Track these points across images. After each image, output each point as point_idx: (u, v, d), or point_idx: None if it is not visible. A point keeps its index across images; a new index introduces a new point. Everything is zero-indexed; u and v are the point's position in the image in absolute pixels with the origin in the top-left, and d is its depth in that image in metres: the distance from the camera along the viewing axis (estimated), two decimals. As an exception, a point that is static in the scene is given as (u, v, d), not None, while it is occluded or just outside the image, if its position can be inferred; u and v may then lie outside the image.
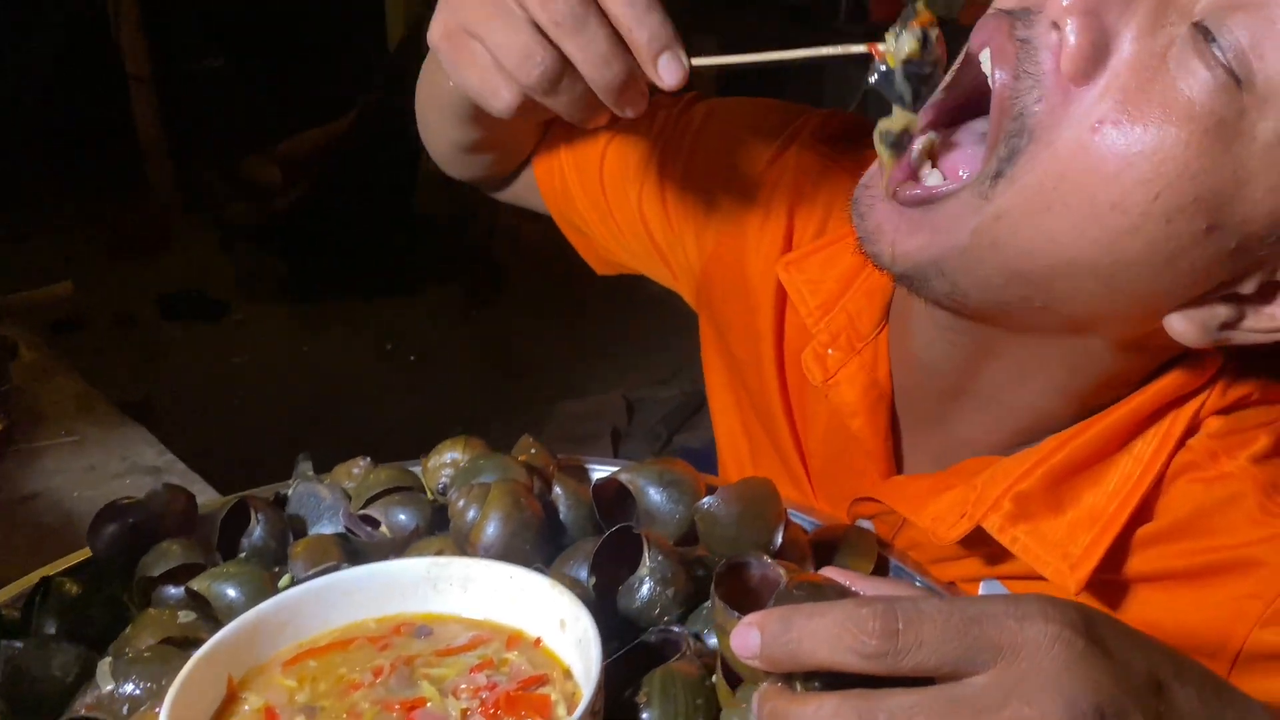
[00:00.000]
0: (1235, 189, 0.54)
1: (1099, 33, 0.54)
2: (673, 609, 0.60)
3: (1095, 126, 0.54)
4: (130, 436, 1.23)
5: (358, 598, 0.57)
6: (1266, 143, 0.53)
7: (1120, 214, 0.55)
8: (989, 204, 0.58)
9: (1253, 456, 0.64)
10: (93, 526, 0.68)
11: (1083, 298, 0.59)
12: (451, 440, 0.75)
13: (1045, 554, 0.66)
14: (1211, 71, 0.52)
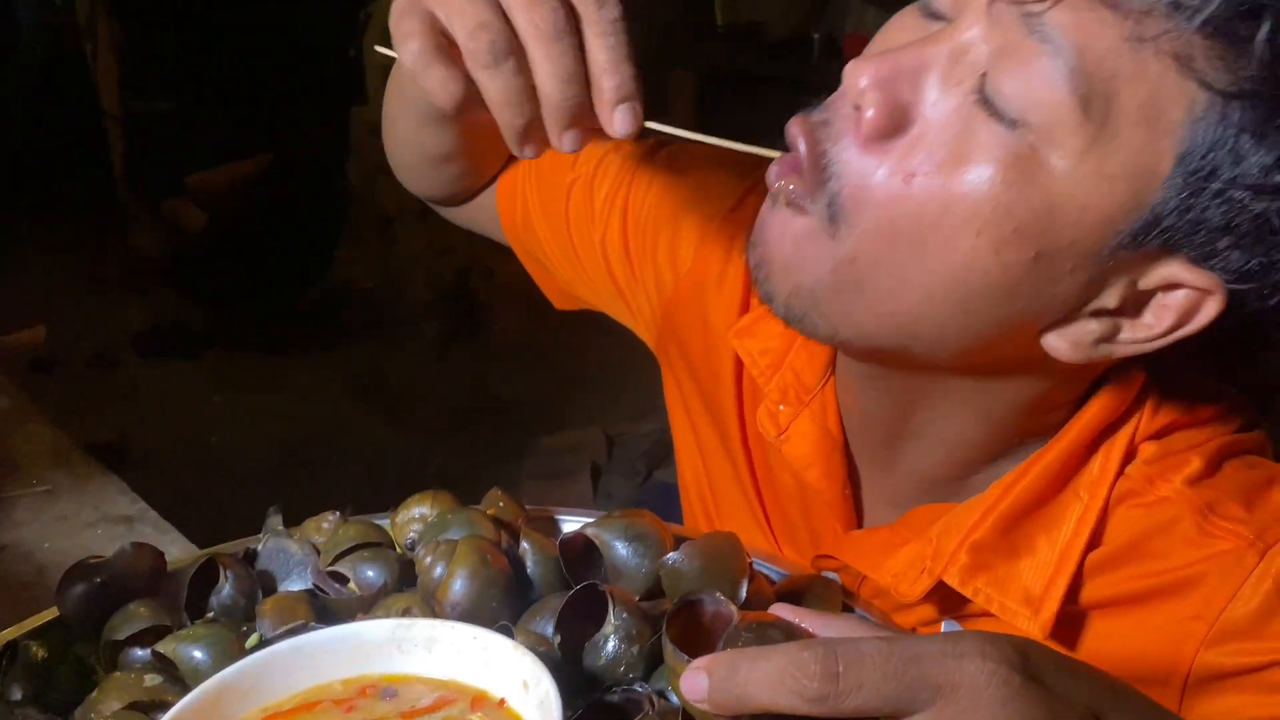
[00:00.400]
0: (1050, 215, 0.57)
1: (895, 103, 0.58)
2: (638, 665, 0.60)
3: (908, 178, 0.58)
4: (103, 485, 1.23)
5: (323, 660, 0.57)
6: (1063, 171, 0.56)
7: (953, 251, 0.58)
8: (840, 245, 0.61)
9: (1187, 479, 0.67)
10: (60, 586, 0.68)
11: (953, 333, 0.62)
12: (420, 495, 0.75)
13: (1007, 601, 0.68)
14: (996, 119, 0.56)
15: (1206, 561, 0.65)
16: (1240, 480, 0.68)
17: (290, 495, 0.82)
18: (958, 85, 0.58)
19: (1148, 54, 0.54)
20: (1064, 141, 0.56)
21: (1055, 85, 0.55)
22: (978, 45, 0.58)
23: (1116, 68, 0.55)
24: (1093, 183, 0.57)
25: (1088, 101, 0.55)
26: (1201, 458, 0.67)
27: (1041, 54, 0.55)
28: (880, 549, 0.73)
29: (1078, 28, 0.55)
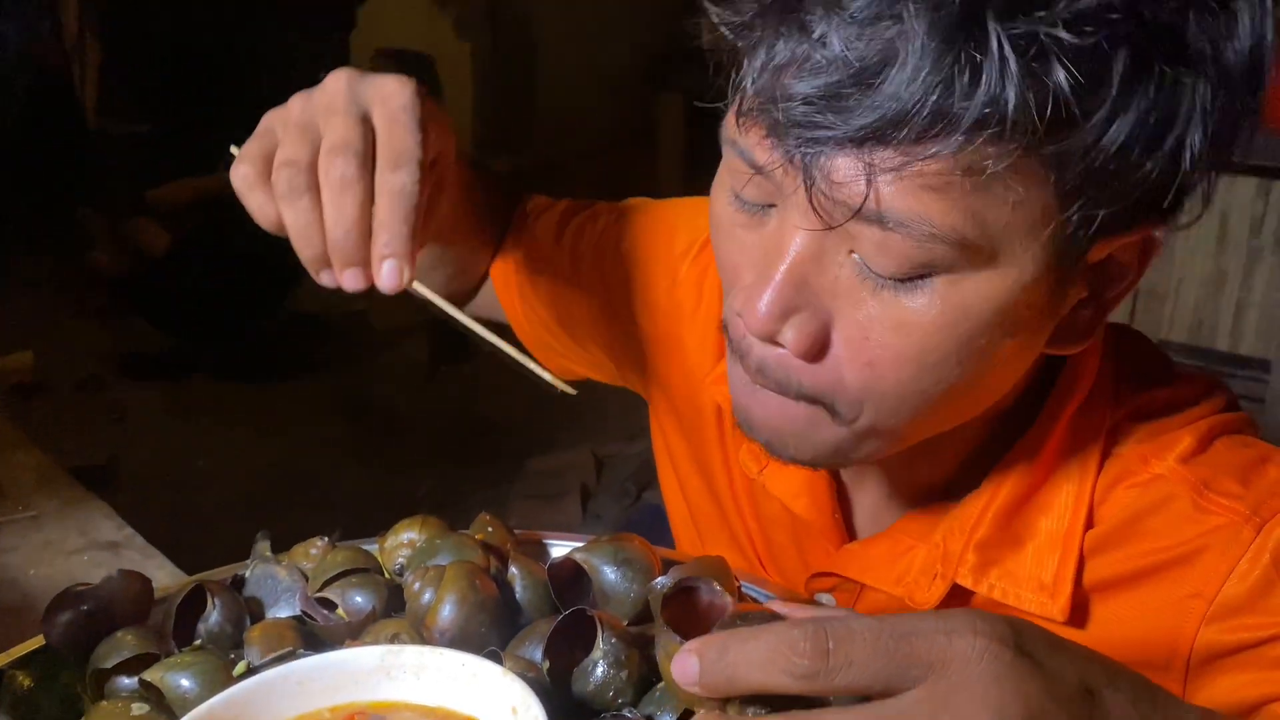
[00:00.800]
0: (1000, 309, 0.57)
1: (808, 325, 0.59)
2: (627, 691, 0.60)
3: (870, 365, 0.59)
4: (89, 511, 1.22)
5: (311, 687, 0.57)
6: (984, 279, 0.56)
7: (948, 379, 0.60)
8: (850, 426, 0.63)
9: (1180, 457, 0.67)
10: (47, 614, 0.68)
11: (976, 405, 0.65)
12: (408, 520, 0.75)
13: (1022, 590, 0.68)
14: (900, 287, 0.57)
15: (1203, 537, 0.65)
16: (1233, 457, 0.68)
17: (279, 520, 0.82)
18: (843, 275, 0.58)
19: (962, 180, 0.53)
20: (965, 267, 0.56)
21: (921, 247, 0.54)
22: (828, 237, 0.57)
23: (947, 207, 0.54)
24: (1012, 268, 0.56)
25: (958, 241, 0.54)
26: (1193, 436, 0.68)
27: (890, 232, 0.55)
28: (882, 559, 0.73)
29: (903, 200, 0.53)
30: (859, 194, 0.53)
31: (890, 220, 0.53)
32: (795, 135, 0.53)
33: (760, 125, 0.56)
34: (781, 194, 0.58)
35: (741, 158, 0.59)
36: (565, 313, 0.97)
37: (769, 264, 0.59)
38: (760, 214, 0.61)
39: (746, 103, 0.56)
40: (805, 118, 0.52)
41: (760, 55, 0.54)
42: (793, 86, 0.52)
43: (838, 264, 0.58)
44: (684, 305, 0.89)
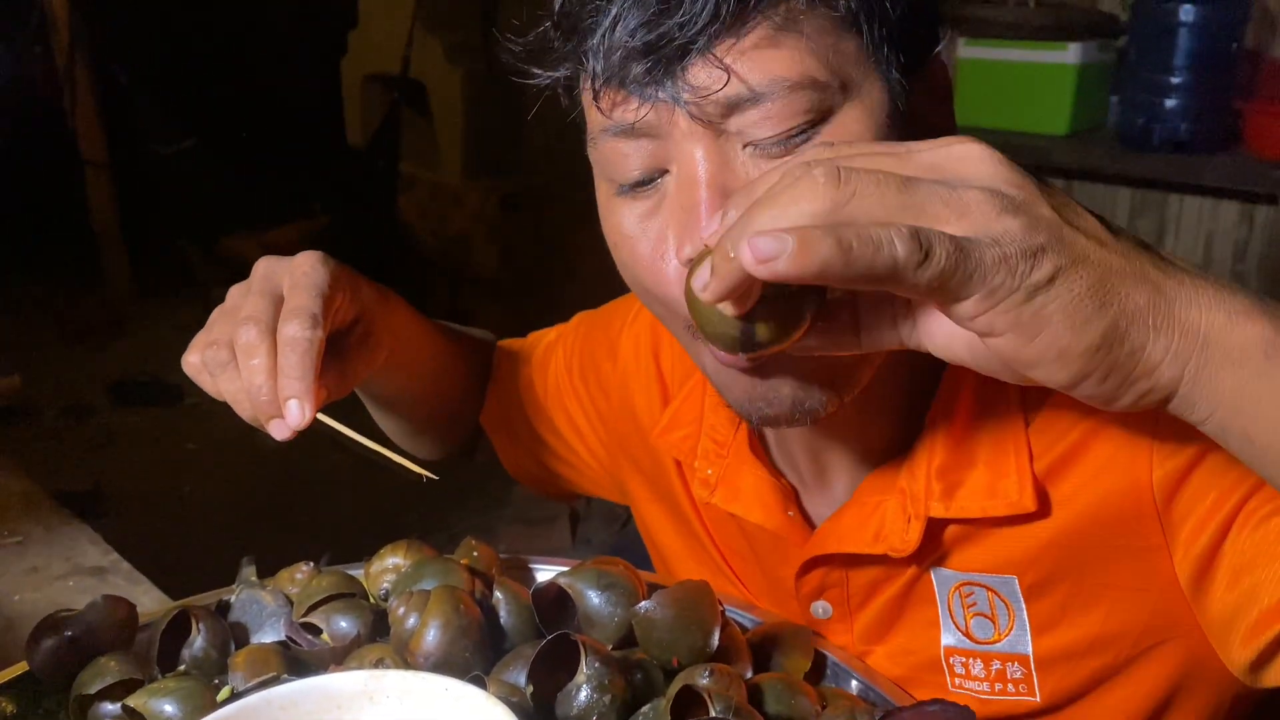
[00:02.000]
0: (877, 132, 0.63)
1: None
2: (610, 715, 0.60)
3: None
4: (74, 536, 1.22)
5: (295, 712, 0.57)
6: (850, 110, 0.63)
7: None
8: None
9: None
10: (30, 641, 0.68)
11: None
12: (393, 545, 0.76)
13: (990, 500, 0.71)
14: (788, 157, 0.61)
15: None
16: None
17: (265, 545, 0.82)
18: (750, 167, 0.62)
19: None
20: (832, 108, 0.62)
21: (790, 101, 0.60)
22: (721, 143, 0.62)
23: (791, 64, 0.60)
24: (863, 95, 0.62)
25: (813, 83, 0.60)
26: None
27: (761, 103, 0.60)
28: (855, 524, 0.75)
29: (756, 71, 0.60)
30: (720, 83, 0.60)
31: (757, 91, 0.60)
32: (647, 70, 0.60)
33: (620, 91, 0.63)
34: (664, 134, 0.63)
35: (616, 135, 0.64)
36: (551, 436, 1.02)
37: (690, 198, 0.63)
38: (655, 188, 0.65)
39: (601, 79, 0.63)
40: (646, 44, 0.60)
41: (589, 40, 0.62)
42: (623, 34, 0.60)
43: (741, 162, 0.62)
44: (628, 370, 0.94)
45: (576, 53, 0.63)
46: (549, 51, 0.65)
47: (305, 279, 0.72)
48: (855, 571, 0.76)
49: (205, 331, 0.74)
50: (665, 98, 0.61)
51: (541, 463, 1.05)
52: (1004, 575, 0.72)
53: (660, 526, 0.93)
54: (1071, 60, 2.38)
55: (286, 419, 0.68)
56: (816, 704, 0.65)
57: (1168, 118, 2.29)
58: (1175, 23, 2.25)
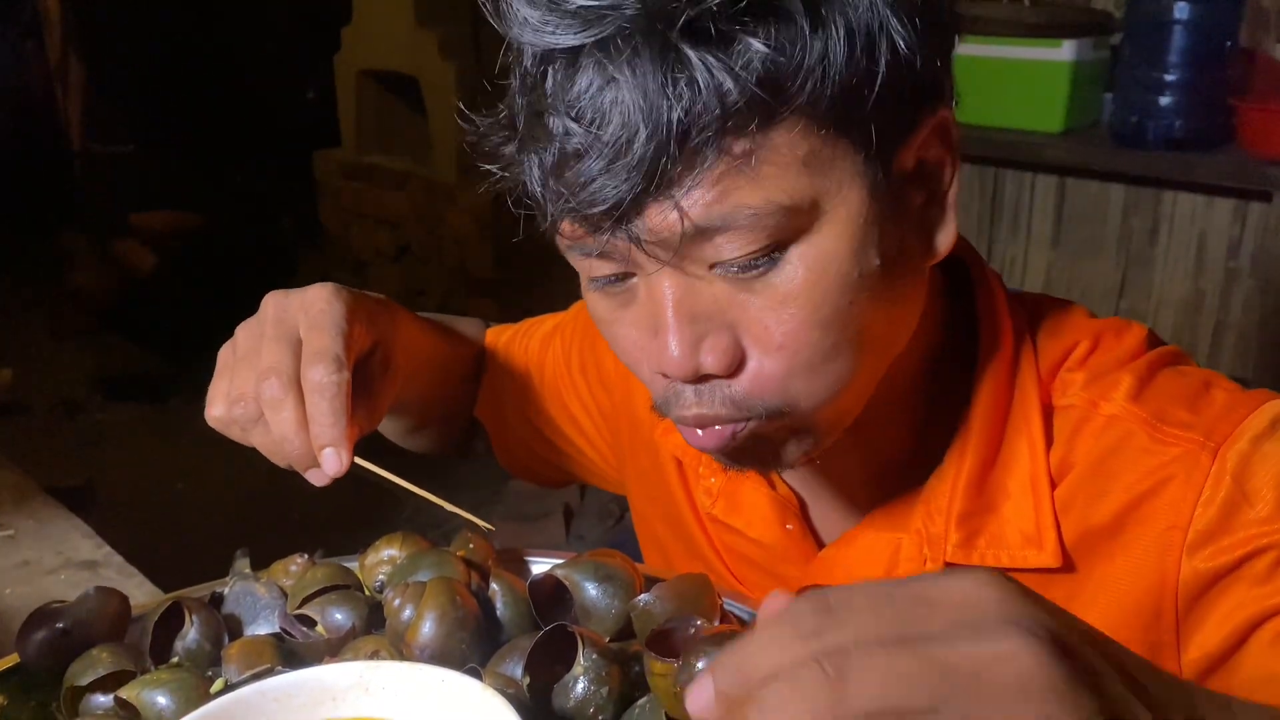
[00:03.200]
0: (850, 246, 0.61)
1: (726, 341, 0.62)
2: (608, 707, 0.60)
3: (779, 348, 0.62)
4: (66, 529, 1.21)
5: (289, 704, 0.57)
6: (821, 235, 0.60)
7: (833, 323, 0.62)
8: (814, 419, 0.65)
9: (1127, 396, 0.69)
10: (21, 633, 0.67)
11: (890, 338, 0.67)
12: (389, 537, 0.75)
13: (1011, 550, 0.70)
14: (758, 272, 0.60)
15: (1164, 469, 0.66)
16: (1177, 388, 0.70)
17: (258, 541, 0.81)
18: (718, 289, 0.61)
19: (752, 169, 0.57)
20: (803, 229, 0.60)
21: (754, 230, 0.58)
22: (684, 269, 0.61)
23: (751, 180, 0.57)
24: (840, 208, 0.60)
25: (779, 209, 0.58)
26: (1133, 375, 0.70)
27: (723, 233, 0.59)
28: (865, 557, 0.74)
29: (713, 207, 0.57)
30: (677, 225, 0.58)
31: (717, 225, 0.58)
32: (597, 215, 0.59)
33: (574, 223, 0.61)
34: (628, 261, 0.62)
35: (580, 255, 0.64)
36: (548, 428, 1.01)
37: (658, 317, 0.63)
38: (626, 287, 0.65)
39: (552, 214, 0.61)
40: (595, 197, 0.57)
41: (535, 173, 0.60)
42: (570, 179, 0.58)
43: (708, 283, 0.61)
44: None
45: (525, 172, 0.61)
46: (497, 151, 0.63)
47: (322, 317, 0.70)
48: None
49: (224, 381, 0.72)
50: (622, 237, 0.59)
51: (535, 453, 1.04)
52: None
53: (657, 524, 0.92)
54: (1066, 58, 2.38)
55: (324, 468, 0.68)
56: None
57: (1162, 115, 2.29)
58: (1169, 20, 2.25)
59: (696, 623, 0.59)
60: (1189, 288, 2.54)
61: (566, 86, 0.57)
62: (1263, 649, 0.62)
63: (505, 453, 1.06)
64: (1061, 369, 0.72)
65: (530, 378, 1.01)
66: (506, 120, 0.62)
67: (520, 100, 0.61)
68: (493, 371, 1.03)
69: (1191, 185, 2.44)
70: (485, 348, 1.05)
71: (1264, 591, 0.62)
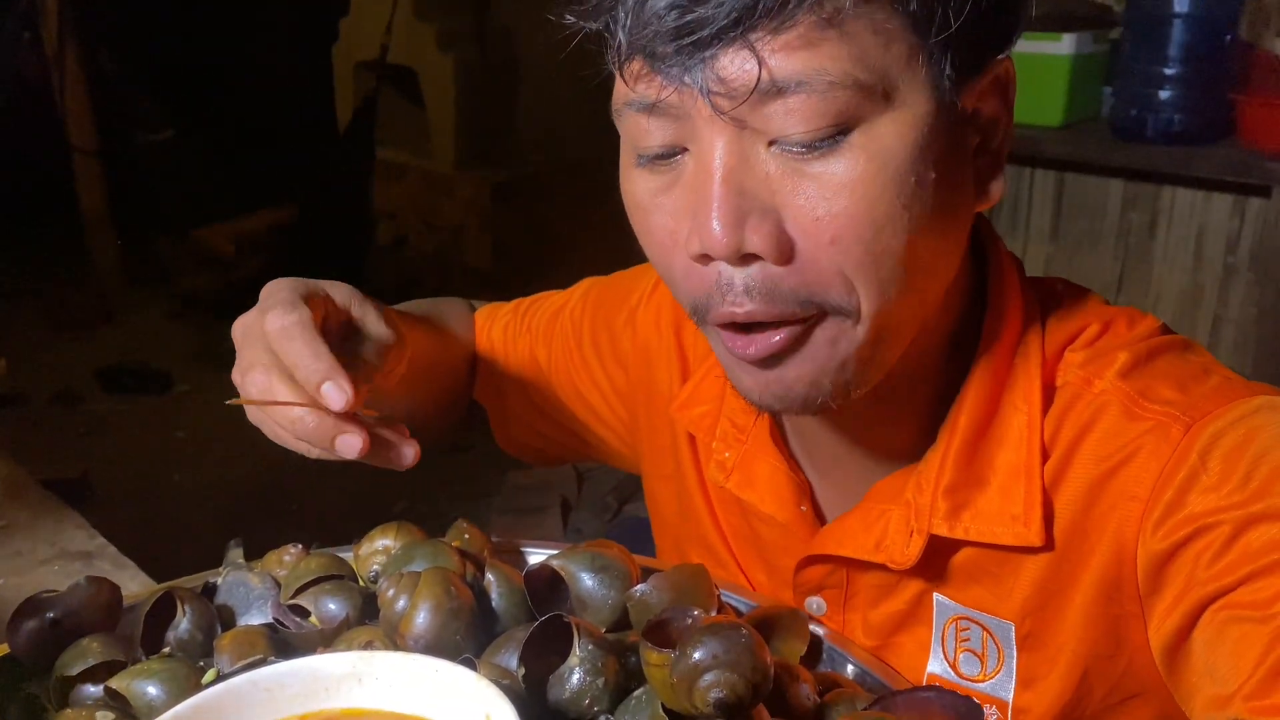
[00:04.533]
0: (910, 147, 0.60)
1: (765, 228, 0.60)
2: (603, 698, 0.59)
3: (835, 241, 0.60)
4: (60, 520, 1.20)
5: (281, 695, 0.56)
6: (887, 123, 0.59)
7: (905, 230, 0.61)
8: (864, 321, 0.63)
9: (1118, 373, 0.69)
10: (12, 621, 0.66)
11: (936, 266, 0.66)
12: (384, 527, 0.74)
13: (995, 526, 0.69)
14: (819, 152, 0.59)
15: (1135, 441, 0.66)
16: (1174, 370, 0.69)
17: (253, 532, 0.80)
18: (772, 168, 0.60)
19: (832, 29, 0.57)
20: (869, 113, 0.59)
21: (824, 99, 0.57)
22: (744, 137, 0.60)
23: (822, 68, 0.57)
24: (906, 107, 0.59)
25: (853, 84, 0.57)
26: (1130, 353, 0.69)
27: (792, 96, 0.57)
28: (859, 530, 0.74)
29: (790, 63, 0.57)
30: (752, 76, 0.56)
31: (788, 85, 0.57)
32: (676, 50, 0.57)
33: (645, 66, 0.59)
34: (685, 123, 0.60)
35: (638, 111, 0.62)
36: (552, 408, 1.00)
37: (703, 191, 0.60)
38: (673, 165, 0.63)
39: (625, 51, 0.59)
40: (677, 27, 0.56)
41: (619, 10, 0.58)
42: (655, 10, 0.57)
43: (762, 160, 0.60)
44: (649, 344, 0.91)
45: (606, 14, 0.60)
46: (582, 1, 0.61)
47: (267, 299, 0.69)
48: (857, 575, 0.75)
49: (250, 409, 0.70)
50: (690, 83, 0.58)
51: (539, 432, 1.02)
52: (1003, 620, 0.71)
53: (665, 500, 0.91)
54: (1065, 51, 2.37)
55: (330, 403, 0.64)
56: (814, 689, 0.64)
57: (1162, 109, 2.29)
58: (1169, 14, 2.25)
59: (694, 613, 0.58)
60: (1187, 282, 2.54)
61: None
62: (1207, 639, 0.60)
63: (505, 433, 1.04)
64: (1066, 349, 0.72)
65: (535, 359, 0.99)
66: None
67: None
68: (491, 354, 1.02)
69: (1190, 180, 2.44)
70: (477, 329, 1.03)
71: (1213, 572, 0.60)
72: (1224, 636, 0.59)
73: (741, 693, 0.54)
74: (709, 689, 0.54)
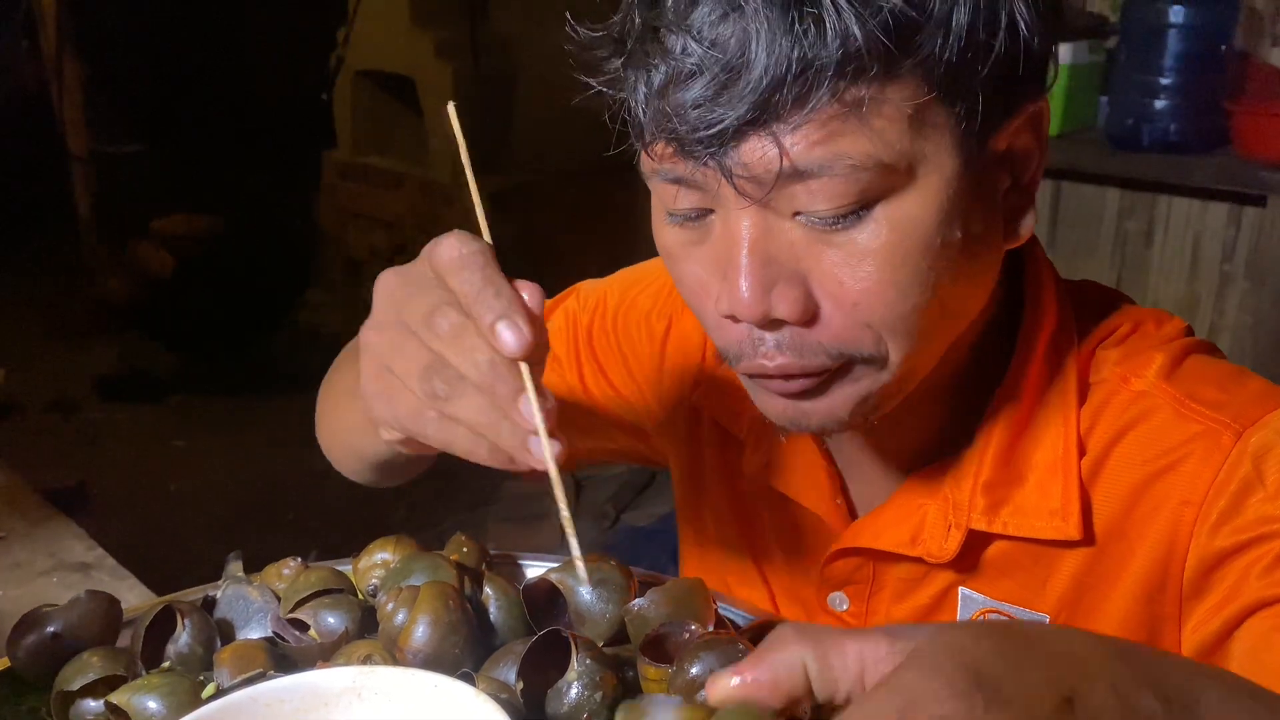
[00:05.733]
0: (936, 215, 0.61)
1: (790, 293, 0.62)
2: (601, 712, 0.60)
3: (855, 307, 0.62)
4: (58, 531, 1.21)
5: (280, 710, 0.56)
6: (914, 194, 0.61)
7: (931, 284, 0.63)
8: (890, 368, 0.65)
9: (1159, 373, 0.70)
10: (12, 636, 0.66)
11: (963, 307, 0.68)
12: (382, 540, 0.75)
13: (1034, 521, 0.71)
14: (841, 226, 0.60)
15: (1185, 445, 0.68)
16: (1210, 371, 0.71)
17: (252, 542, 0.81)
18: (797, 237, 0.61)
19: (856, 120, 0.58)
20: (894, 188, 0.60)
21: (847, 181, 0.59)
22: (768, 211, 0.61)
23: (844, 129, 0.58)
24: (932, 174, 0.61)
25: (876, 165, 0.58)
26: (1166, 354, 0.71)
27: (815, 179, 0.59)
28: (893, 524, 0.75)
29: (812, 150, 0.58)
30: (774, 163, 0.58)
31: (810, 171, 0.58)
32: (698, 140, 0.59)
33: (668, 146, 0.61)
34: (712, 194, 0.62)
35: (665, 180, 0.64)
36: (583, 413, 0.97)
37: (731, 257, 0.62)
38: (702, 224, 0.65)
39: (648, 133, 0.61)
40: (699, 121, 0.58)
41: (641, 90, 0.60)
42: (677, 100, 0.58)
43: (787, 230, 0.62)
44: (691, 339, 0.89)
45: (630, 93, 0.61)
46: (601, 65, 0.63)
47: (459, 263, 0.58)
48: (885, 570, 0.76)
49: (386, 379, 0.60)
50: (714, 167, 0.59)
51: None
52: (1035, 612, 0.72)
53: (685, 490, 0.91)
54: (1061, 61, 2.38)
55: (503, 345, 0.55)
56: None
57: (1157, 118, 2.30)
58: (1165, 24, 2.26)
59: (691, 627, 0.59)
60: (1183, 291, 2.54)
61: (690, 7, 0.57)
62: (1250, 646, 0.62)
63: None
64: (1099, 347, 0.73)
65: (568, 363, 0.97)
66: (617, 34, 0.62)
67: (637, 15, 0.60)
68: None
69: (1186, 189, 2.45)
70: None
71: (1265, 582, 0.62)
72: (1271, 644, 0.60)
73: None
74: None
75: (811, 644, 0.44)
